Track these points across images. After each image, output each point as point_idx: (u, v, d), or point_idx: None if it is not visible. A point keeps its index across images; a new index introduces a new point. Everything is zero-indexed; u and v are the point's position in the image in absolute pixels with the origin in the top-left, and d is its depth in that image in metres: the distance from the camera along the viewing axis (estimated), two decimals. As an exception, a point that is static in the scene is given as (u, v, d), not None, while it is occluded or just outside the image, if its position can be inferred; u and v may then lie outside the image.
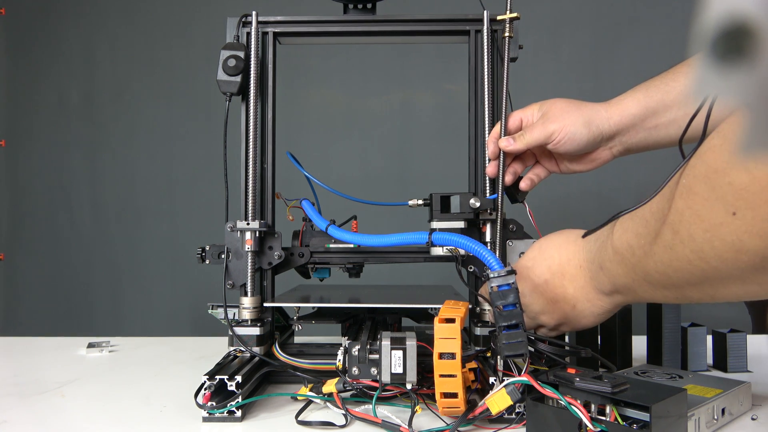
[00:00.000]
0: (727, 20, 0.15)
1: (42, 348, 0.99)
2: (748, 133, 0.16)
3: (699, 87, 0.16)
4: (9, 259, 2.06)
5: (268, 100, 0.78)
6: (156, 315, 1.99)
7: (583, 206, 1.85)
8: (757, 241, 0.42)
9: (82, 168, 2.03)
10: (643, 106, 0.72)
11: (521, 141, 0.72)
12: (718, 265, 0.46)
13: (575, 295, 0.64)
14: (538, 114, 0.75)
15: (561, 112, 0.72)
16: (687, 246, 0.48)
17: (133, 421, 0.62)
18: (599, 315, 0.64)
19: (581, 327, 0.66)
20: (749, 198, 0.42)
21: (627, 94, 0.74)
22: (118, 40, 2.02)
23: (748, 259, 0.44)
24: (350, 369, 0.62)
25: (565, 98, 0.74)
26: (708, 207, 0.45)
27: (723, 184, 0.43)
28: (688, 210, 0.47)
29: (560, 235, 0.68)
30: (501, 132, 0.74)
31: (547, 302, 0.65)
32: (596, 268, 0.61)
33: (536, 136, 0.72)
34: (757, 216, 0.41)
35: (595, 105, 0.73)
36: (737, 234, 0.43)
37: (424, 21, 0.78)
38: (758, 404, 0.65)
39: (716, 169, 0.44)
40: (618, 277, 0.58)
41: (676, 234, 0.49)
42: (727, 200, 0.43)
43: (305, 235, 0.79)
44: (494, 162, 0.75)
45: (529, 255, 0.69)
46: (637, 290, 0.57)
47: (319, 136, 1.93)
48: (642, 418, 0.49)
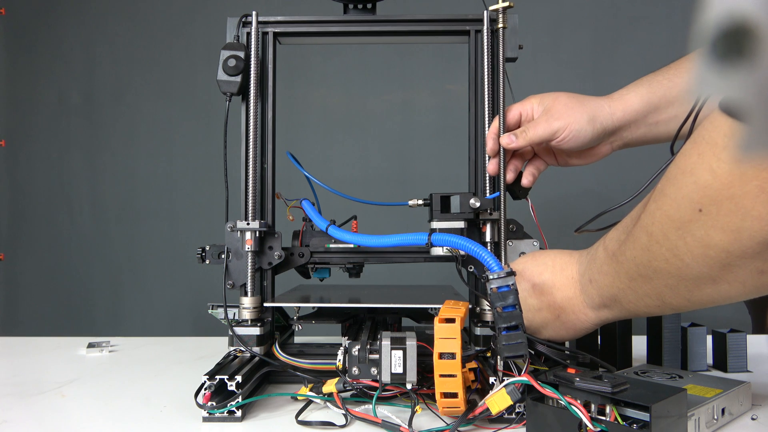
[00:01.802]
0: (727, 20, 0.15)
1: (42, 348, 0.99)
2: (747, 132, 0.16)
3: (699, 86, 0.16)
4: (9, 259, 2.06)
5: (268, 100, 0.78)
6: (156, 315, 1.99)
7: (583, 206, 1.84)
8: (722, 236, 0.45)
9: (82, 168, 2.03)
10: (646, 102, 0.71)
11: (523, 138, 0.71)
12: (690, 262, 0.48)
13: (561, 305, 0.63)
14: (538, 108, 0.73)
15: (565, 108, 0.71)
16: (662, 245, 0.50)
17: (133, 421, 0.62)
18: (581, 329, 0.64)
19: (560, 337, 0.66)
20: (712, 195, 0.44)
21: (629, 88, 0.73)
22: (118, 40, 2.02)
23: (715, 255, 0.46)
24: (350, 369, 0.62)
25: (566, 92, 0.73)
26: (676, 206, 0.48)
27: (689, 183, 0.46)
28: (658, 211, 0.50)
29: (554, 250, 0.68)
30: (500, 128, 0.73)
31: (530, 308, 0.65)
32: (586, 281, 0.61)
33: (540, 133, 0.71)
34: (721, 211, 0.44)
35: (598, 100, 0.73)
36: (705, 229, 0.46)
37: (424, 21, 0.78)
38: (758, 404, 0.65)
39: (684, 170, 0.47)
40: (605, 287, 0.59)
41: (651, 236, 0.51)
42: (693, 198, 0.46)
43: (305, 235, 0.79)
44: (495, 159, 0.74)
45: (521, 260, 0.68)
46: (623, 301, 0.58)
47: (319, 136, 1.93)
48: (642, 418, 0.49)
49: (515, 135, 0.71)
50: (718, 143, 0.44)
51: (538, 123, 0.71)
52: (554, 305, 0.64)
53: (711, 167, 0.44)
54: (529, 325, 0.66)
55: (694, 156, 0.46)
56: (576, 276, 0.63)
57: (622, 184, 1.79)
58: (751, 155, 0.16)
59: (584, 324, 0.63)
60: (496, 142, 0.73)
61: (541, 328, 0.66)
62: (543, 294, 0.64)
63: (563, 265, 0.64)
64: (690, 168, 0.46)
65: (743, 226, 0.43)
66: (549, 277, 0.64)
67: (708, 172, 0.44)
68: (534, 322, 0.65)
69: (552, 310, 0.64)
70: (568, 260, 0.64)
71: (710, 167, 0.44)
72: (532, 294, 0.65)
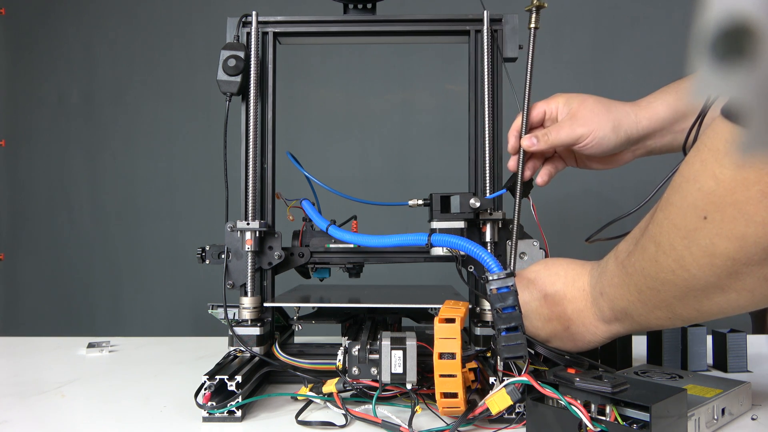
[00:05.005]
0: (727, 20, 0.15)
1: (42, 348, 0.99)
2: (748, 133, 0.16)
3: (699, 87, 0.16)
4: (9, 259, 2.06)
5: (268, 100, 0.78)
6: (156, 315, 1.99)
7: (583, 206, 1.84)
8: (727, 244, 0.44)
9: (82, 168, 2.03)
10: (673, 110, 0.70)
11: (545, 142, 0.70)
12: (697, 272, 0.48)
13: (571, 317, 0.62)
14: (564, 109, 0.72)
15: (591, 114, 0.70)
16: (669, 256, 0.49)
17: (133, 421, 0.62)
18: (591, 342, 0.63)
19: (567, 349, 0.64)
20: (716, 201, 0.44)
21: (656, 96, 0.72)
22: (118, 40, 2.02)
23: (721, 263, 0.45)
24: (350, 369, 0.62)
25: (593, 95, 0.72)
26: (681, 215, 0.47)
27: (693, 190, 0.46)
28: (665, 220, 0.50)
29: (567, 259, 0.66)
30: (522, 126, 0.71)
31: (540, 317, 0.64)
32: (597, 293, 0.60)
33: (563, 138, 0.70)
34: (725, 218, 0.44)
35: (624, 107, 0.71)
36: (710, 237, 0.45)
37: (424, 21, 0.78)
38: (758, 404, 0.65)
39: (687, 177, 0.47)
40: (616, 300, 0.58)
41: (658, 246, 0.51)
42: (697, 206, 0.45)
43: (305, 235, 0.79)
44: (514, 156, 0.73)
45: (534, 268, 0.67)
46: (633, 314, 0.57)
47: (319, 136, 1.93)
48: (642, 418, 0.49)
49: (537, 138, 0.70)
50: (720, 149, 0.43)
51: (562, 127, 0.70)
52: (564, 317, 0.63)
53: (714, 174, 0.44)
54: (538, 335, 0.65)
55: (697, 164, 0.46)
56: (587, 288, 0.62)
57: (623, 185, 1.79)
58: (752, 156, 0.16)
59: (594, 337, 0.62)
60: (517, 140, 0.71)
61: (550, 338, 0.65)
62: (555, 305, 0.63)
63: (575, 276, 0.63)
64: (693, 176, 0.46)
65: (747, 232, 0.43)
66: (561, 287, 0.63)
67: (711, 178, 0.44)
68: (543, 332, 0.64)
69: (562, 321, 0.63)
70: (580, 271, 0.63)
71: (713, 174, 0.44)
72: (543, 304, 0.64)
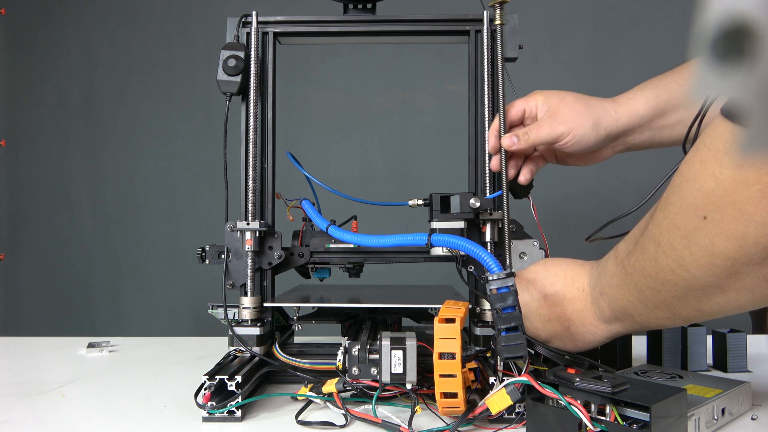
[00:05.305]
0: (727, 20, 0.15)
1: (42, 348, 0.99)
2: (748, 133, 0.16)
3: (699, 87, 0.16)
4: (9, 259, 2.06)
5: (268, 100, 0.78)
6: (156, 315, 1.99)
7: (583, 206, 1.84)
8: (726, 243, 0.44)
9: (82, 168, 2.03)
10: (653, 106, 0.71)
11: (525, 141, 0.70)
12: (696, 272, 0.48)
13: (571, 317, 0.62)
14: (543, 107, 0.72)
15: (571, 111, 0.70)
16: (669, 255, 0.49)
17: (133, 421, 0.62)
18: (591, 342, 0.63)
19: (568, 350, 0.64)
20: (716, 201, 0.44)
21: (636, 91, 0.72)
22: (118, 40, 2.02)
23: (721, 263, 0.45)
24: (350, 369, 0.62)
25: (571, 92, 0.72)
26: (681, 214, 0.47)
27: (693, 190, 0.46)
28: (665, 220, 0.50)
29: (566, 259, 0.66)
30: (501, 126, 0.72)
31: (540, 318, 0.64)
32: (597, 293, 0.60)
33: (543, 137, 0.70)
34: (724, 218, 0.44)
35: (603, 103, 0.72)
36: (709, 237, 0.45)
37: (424, 21, 0.78)
38: (758, 404, 0.65)
39: (687, 177, 0.47)
40: (616, 300, 0.58)
41: (658, 246, 0.51)
42: (697, 205, 0.45)
43: (305, 235, 0.79)
44: (496, 157, 0.73)
45: (533, 268, 0.67)
46: (634, 314, 0.57)
47: (319, 136, 1.93)
48: (642, 418, 0.49)
49: (517, 137, 0.70)
50: (719, 149, 0.43)
51: (542, 126, 0.70)
52: (564, 317, 0.63)
53: (713, 173, 0.44)
54: (538, 335, 0.65)
55: (697, 163, 0.46)
56: (587, 288, 0.62)
57: (623, 185, 1.79)
58: (752, 156, 0.16)
59: (594, 337, 0.62)
60: (497, 140, 0.72)
61: (550, 339, 0.65)
62: (554, 305, 0.63)
63: (575, 276, 0.63)
64: (693, 175, 0.46)
65: (747, 232, 0.43)
66: (560, 288, 0.63)
67: (711, 178, 0.44)
68: (543, 332, 0.64)
69: (561, 321, 0.63)
70: (580, 271, 0.63)
71: (713, 173, 0.44)
72: (543, 305, 0.64)
